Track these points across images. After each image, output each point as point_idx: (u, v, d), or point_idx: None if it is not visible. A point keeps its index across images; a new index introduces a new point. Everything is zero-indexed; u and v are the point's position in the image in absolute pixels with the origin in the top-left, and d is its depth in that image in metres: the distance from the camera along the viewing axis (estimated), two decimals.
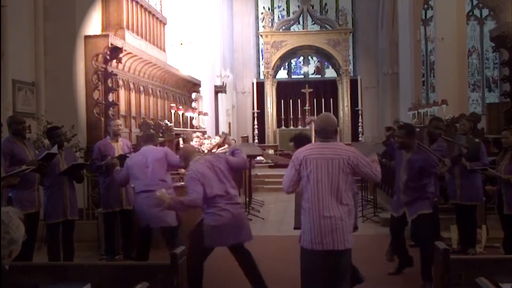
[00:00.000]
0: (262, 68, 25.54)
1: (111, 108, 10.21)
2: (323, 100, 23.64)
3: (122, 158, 7.29)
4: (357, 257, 7.15)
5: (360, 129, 22.96)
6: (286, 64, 26.89)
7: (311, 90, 23.95)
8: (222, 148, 10.96)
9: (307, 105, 23.54)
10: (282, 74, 26.75)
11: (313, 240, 4.17)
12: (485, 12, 25.66)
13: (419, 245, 6.22)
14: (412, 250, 6.67)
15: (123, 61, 11.02)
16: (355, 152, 4.31)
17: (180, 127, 13.82)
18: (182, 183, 7.59)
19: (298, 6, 26.19)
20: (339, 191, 4.17)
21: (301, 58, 26.88)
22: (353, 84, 23.49)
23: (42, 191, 6.48)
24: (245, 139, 19.52)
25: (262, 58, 25.49)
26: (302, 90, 23.94)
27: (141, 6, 12.66)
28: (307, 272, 4.29)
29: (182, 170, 7.23)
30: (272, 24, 24.57)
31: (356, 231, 4.73)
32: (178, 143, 9.83)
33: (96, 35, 10.12)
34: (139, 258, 6.65)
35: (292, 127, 23.67)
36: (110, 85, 10.25)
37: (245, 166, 6.11)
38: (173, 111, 13.82)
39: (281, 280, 6.23)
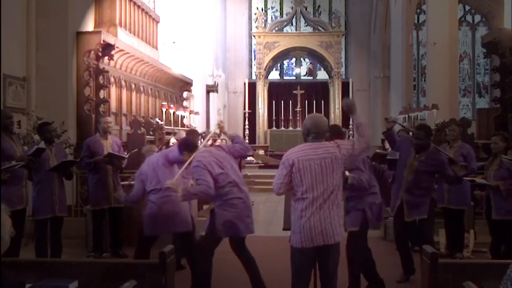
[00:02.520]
0: (254, 69, 25.53)
1: (102, 105, 10.18)
2: (314, 101, 23.69)
3: (111, 156, 7.27)
4: (346, 259, 7.18)
5: (351, 132, 22.99)
6: (278, 65, 26.89)
7: (303, 91, 23.99)
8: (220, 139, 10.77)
9: (299, 106, 23.57)
10: (274, 75, 26.75)
11: (303, 239, 4.18)
12: (477, 18, 25.81)
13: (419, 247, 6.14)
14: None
15: (115, 58, 11.00)
16: (341, 144, 4.33)
17: (171, 126, 13.79)
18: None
19: (292, 8, 26.21)
20: (332, 190, 4.19)
21: (294, 59, 26.89)
22: (345, 86, 23.56)
23: (30, 187, 6.44)
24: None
25: (255, 59, 25.49)
26: (294, 92, 23.97)
27: (134, 3, 12.62)
28: (298, 271, 4.31)
29: None
30: (265, 25, 24.58)
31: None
32: (168, 141, 9.78)
33: (89, 32, 10.08)
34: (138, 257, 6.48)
35: (283, 128, 23.70)
36: (101, 82, 10.22)
37: (246, 152, 6.05)
38: (164, 110, 13.80)
39: (270, 281, 6.22)
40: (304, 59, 26.99)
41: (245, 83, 24.29)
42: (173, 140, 7.44)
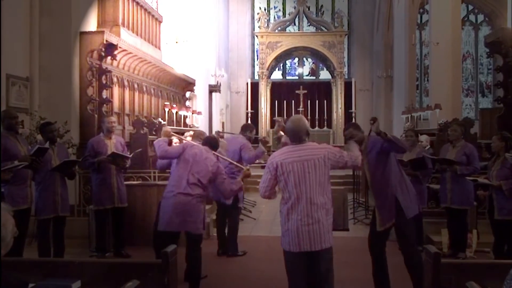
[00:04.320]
0: (256, 69, 25.51)
1: (104, 105, 10.19)
2: (317, 101, 23.67)
3: (115, 156, 7.27)
4: (348, 259, 7.21)
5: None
6: (281, 65, 26.90)
7: (305, 91, 23.98)
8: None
9: (301, 106, 23.55)
10: (277, 75, 26.76)
11: (290, 242, 4.21)
12: (480, 17, 25.80)
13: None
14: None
15: (118, 58, 11.00)
16: (328, 147, 4.36)
17: (173, 126, 13.79)
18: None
19: (294, 7, 26.23)
20: (317, 192, 4.19)
21: (296, 59, 26.89)
22: (347, 86, 23.52)
23: (34, 187, 6.45)
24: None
25: (257, 59, 25.49)
26: (296, 91, 23.96)
27: (137, 3, 12.63)
28: (290, 273, 4.33)
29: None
30: (267, 25, 24.57)
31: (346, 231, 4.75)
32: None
33: (92, 32, 10.09)
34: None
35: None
36: (104, 82, 10.22)
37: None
38: (167, 110, 13.80)
39: (272, 280, 6.24)
40: (306, 59, 26.98)
41: (247, 83, 24.28)
42: (188, 138, 7.41)
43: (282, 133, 5.62)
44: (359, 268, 6.89)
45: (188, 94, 17.59)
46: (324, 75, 26.50)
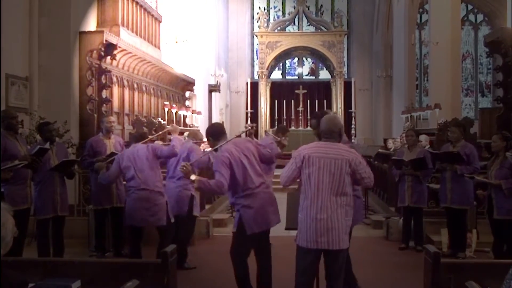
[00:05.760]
0: (256, 68, 25.51)
1: (104, 105, 10.19)
2: (316, 101, 23.67)
3: (114, 156, 7.26)
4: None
5: (353, 131, 22.99)
6: (281, 64, 26.91)
7: (305, 91, 23.97)
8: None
9: (301, 106, 23.56)
10: (277, 75, 26.77)
11: (308, 239, 4.17)
12: (480, 17, 25.83)
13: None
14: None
15: (117, 57, 11.00)
16: (356, 154, 4.31)
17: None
18: None
19: (294, 7, 26.22)
20: (340, 191, 4.16)
21: (296, 59, 26.90)
22: (347, 86, 23.52)
23: (33, 187, 6.45)
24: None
25: (257, 58, 25.49)
26: (296, 91, 23.95)
27: (137, 3, 12.63)
28: (302, 270, 4.30)
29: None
30: (267, 25, 24.55)
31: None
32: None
33: (91, 31, 10.09)
34: (131, 256, 6.61)
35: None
36: (104, 81, 10.22)
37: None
38: (166, 109, 13.80)
39: (274, 278, 6.23)
40: (306, 59, 27.00)
41: (247, 83, 24.30)
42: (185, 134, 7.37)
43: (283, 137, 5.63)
44: (358, 268, 6.89)
45: (187, 93, 17.60)
46: (324, 74, 26.52)
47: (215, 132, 5.33)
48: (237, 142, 5.19)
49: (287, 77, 27.22)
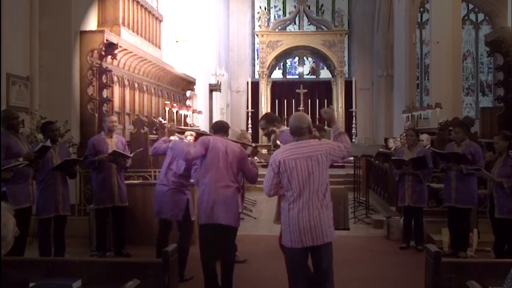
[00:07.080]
0: (257, 68, 25.48)
1: (105, 104, 10.19)
2: (317, 101, 23.65)
3: (116, 154, 7.28)
4: (348, 258, 7.22)
5: (354, 131, 22.99)
6: (281, 64, 26.88)
7: (306, 90, 23.96)
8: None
9: (301, 105, 23.54)
10: (277, 74, 26.74)
11: (292, 239, 4.21)
12: (481, 16, 25.78)
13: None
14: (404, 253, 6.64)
15: (118, 57, 11.00)
16: (327, 143, 4.36)
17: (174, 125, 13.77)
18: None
19: (295, 7, 26.18)
20: (320, 188, 4.20)
21: (296, 58, 26.87)
22: (348, 85, 23.51)
23: (35, 186, 6.45)
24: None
25: (258, 58, 25.45)
26: (297, 91, 23.95)
27: (138, 2, 12.64)
28: (291, 270, 4.33)
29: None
30: (268, 24, 24.53)
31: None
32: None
33: (92, 31, 10.09)
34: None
35: (286, 127, 23.61)
36: (104, 81, 10.22)
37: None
38: (167, 109, 13.80)
39: (272, 280, 6.24)
40: (307, 58, 26.97)
41: (248, 82, 24.28)
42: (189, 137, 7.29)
43: (278, 142, 5.69)
44: (359, 267, 6.91)
45: (188, 93, 17.60)
46: (325, 74, 26.49)
47: (217, 127, 5.84)
48: (229, 142, 5.62)
49: (287, 77, 27.18)
